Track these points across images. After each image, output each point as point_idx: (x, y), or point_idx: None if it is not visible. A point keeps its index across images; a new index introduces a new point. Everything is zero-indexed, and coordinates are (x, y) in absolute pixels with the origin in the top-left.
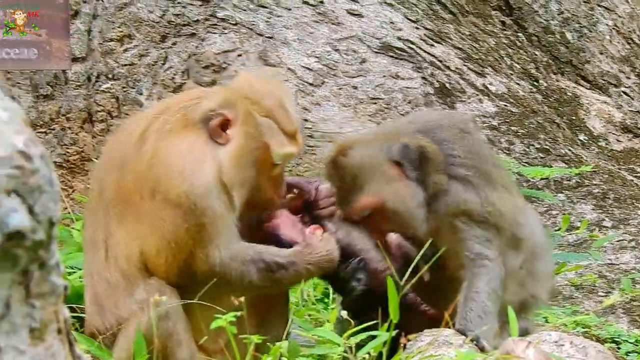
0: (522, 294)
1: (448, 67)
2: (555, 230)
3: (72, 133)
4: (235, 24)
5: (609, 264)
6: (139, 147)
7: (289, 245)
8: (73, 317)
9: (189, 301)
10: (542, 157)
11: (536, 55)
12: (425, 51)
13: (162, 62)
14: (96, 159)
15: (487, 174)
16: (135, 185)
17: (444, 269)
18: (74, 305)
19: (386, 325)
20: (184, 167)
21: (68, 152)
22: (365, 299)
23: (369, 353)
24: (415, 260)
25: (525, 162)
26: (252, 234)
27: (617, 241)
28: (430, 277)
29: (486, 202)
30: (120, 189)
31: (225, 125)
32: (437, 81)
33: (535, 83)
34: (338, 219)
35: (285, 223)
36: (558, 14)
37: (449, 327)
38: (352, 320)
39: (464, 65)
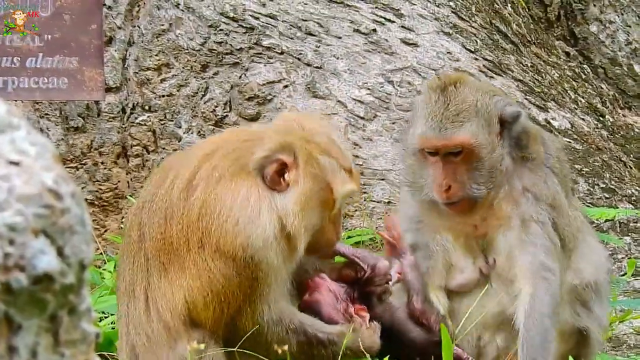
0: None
1: None
2: (621, 276)
3: (105, 168)
4: (282, 53)
5: None
6: (187, 195)
7: (327, 321)
8: None
9: (231, 349)
10: (607, 198)
11: (602, 88)
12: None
13: (202, 93)
14: (131, 196)
15: (568, 187)
16: (184, 236)
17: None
18: (105, 353)
19: None
20: (239, 217)
21: (101, 189)
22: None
23: None
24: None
25: (590, 203)
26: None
27: None
28: None
29: (567, 209)
30: (165, 239)
31: (282, 170)
32: None
33: (601, 118)
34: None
35: (327, 299)
36: (626, 45)
37: None
38: None
39: (525, 98)
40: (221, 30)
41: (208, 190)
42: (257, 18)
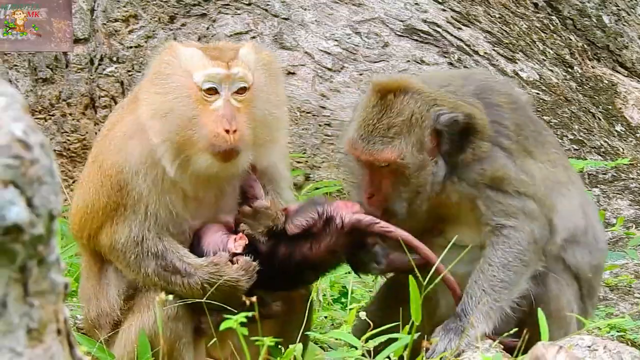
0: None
1: (476, 52)
2: None
3: (74, 119)
4: (249, 4)
5: None
6: (108, 119)
7: (198, 254)
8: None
9: (197, 300)
10: (575, 149)
11: (570, 40)
12: (452, 35)
13: None
14: None
15: (530, 147)
16: (92, 149)
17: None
18: (73, 304)
19: (407, 327)
20: (124, 140)
21: (69, 140)
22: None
23: (388, 357)
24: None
25: None
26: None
27: None
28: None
29: (522, 170)
30: (89, 154)
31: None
32: (465, 67)
33: (570, 70)
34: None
35: (213, 230)
36: None
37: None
38: (370, 322)
39: (494, 50)
40: None
41: (120, 113)
42: None
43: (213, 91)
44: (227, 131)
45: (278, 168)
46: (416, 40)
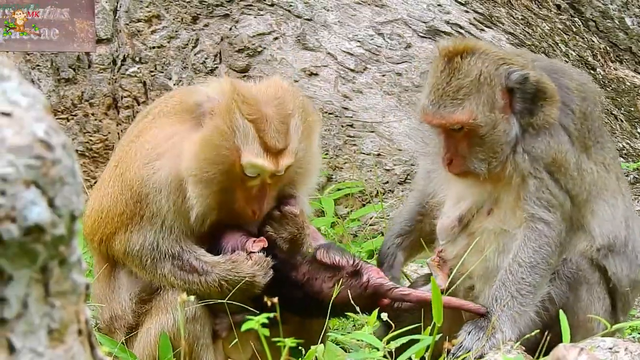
0: None
1: None
2: None
3: (96, 120)
4: (272, 5)
5: None
6: (136, 123)
7: (216, 254)
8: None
9: (217, 301)
10: None
11: (593, 41)
12: (474, 36)
13: (193, 44)
14: None
15: (588, 142)
16: (115, 154)
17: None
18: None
19: (429, 329)
20: (151, 153)
21: (91, 140)
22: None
23: (410, 358)
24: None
25: None
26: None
27: None
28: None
29: (577, 166)
30: (112, 156)
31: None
32: None
33: (592, 71)
34: None
35: (233, 231)
36: None
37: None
38: (392, 323)
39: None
40: None
41: (149, 121)
42: None
43: (254, 176)
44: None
45: (303, 199)
46: (439, 41)
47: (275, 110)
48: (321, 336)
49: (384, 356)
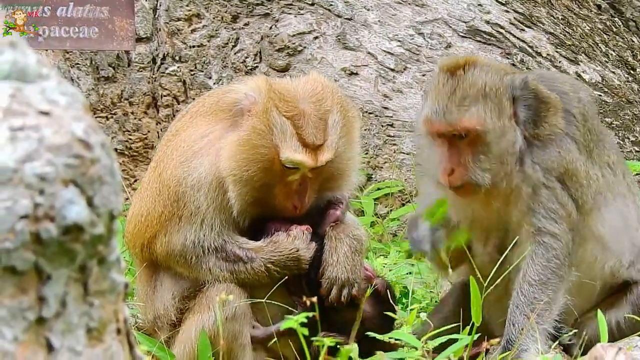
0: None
1: (539, 54)
2: None
3: (135, 118)
4: (312, 4)
5: None
6: (175, 122)
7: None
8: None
9: (258, 300)
10: (637, 151)
11: (633, 42)
12: (515, 36)
13: (233, 43)
14: None
15: (590, 144)
16: (155, 155)
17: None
18: (133, 303)
19: (467, 328)
20: (189, 152)
21: (130, 139)
22: None
23: (448, 357)
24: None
25: None
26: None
27: None
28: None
29: (586, 174)
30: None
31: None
32: (527, 68)
33: (632, 72)
34: None
35: (274, 222)
36: None
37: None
38: (432, 322)
39: (556, 51)
40: None
41: (187, 121)
42: None
43: (294, 169)
44: (295, 207)
45: (346, 201)
46: (479, 41)
47: (313, 106)
48: (354, 333)
49: (423, 356)
